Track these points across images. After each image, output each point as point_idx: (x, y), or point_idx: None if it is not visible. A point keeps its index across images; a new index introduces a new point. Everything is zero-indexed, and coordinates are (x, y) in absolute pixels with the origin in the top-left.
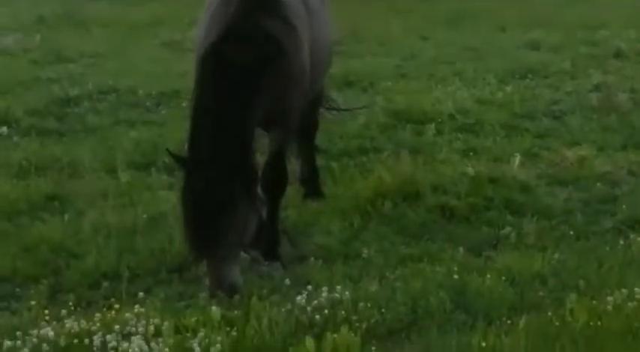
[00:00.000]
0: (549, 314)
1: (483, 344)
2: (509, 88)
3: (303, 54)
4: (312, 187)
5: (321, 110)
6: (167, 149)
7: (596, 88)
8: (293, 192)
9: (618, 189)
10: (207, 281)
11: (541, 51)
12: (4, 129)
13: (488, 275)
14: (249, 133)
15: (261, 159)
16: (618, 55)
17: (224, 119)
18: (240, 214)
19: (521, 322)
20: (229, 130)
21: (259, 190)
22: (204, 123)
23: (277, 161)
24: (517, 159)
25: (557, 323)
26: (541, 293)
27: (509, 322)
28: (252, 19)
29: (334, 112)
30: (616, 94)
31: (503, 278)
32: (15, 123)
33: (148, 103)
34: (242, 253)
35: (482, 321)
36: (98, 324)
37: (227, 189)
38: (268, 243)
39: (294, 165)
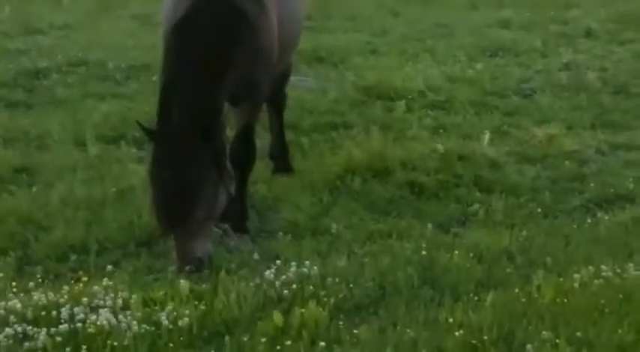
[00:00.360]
0: (516, 290)
1: (450, 320)
2: (479, 66)
3: (271, 28)
4: (281, 162)
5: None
6: (137, 121)
7: (566, 66)
8: (262, 166)
9: (586, 167)
10: (174, 256)
11: (512, 29)
12: None
13: (456, 252)
14: (217, 107)
15: (230, 133)
16: (589, 34)
17: (193, 93)
18: (209, 189)
19: (489, 298)
20: (198, 104)
21: (228, 165)
22: (173, 97)
23: (246, 135)
24: (486, 137)
25: (524, 300)
26: (508, 270)
27: (476, 298)
28: None
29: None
30: (586, 73)
31: (471, 254)
32: None
33: (117, 76)
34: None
35: (449, 297)
36: (66, 297)
37: (196, 164)
38: (237, 217)
39: (264, 140)
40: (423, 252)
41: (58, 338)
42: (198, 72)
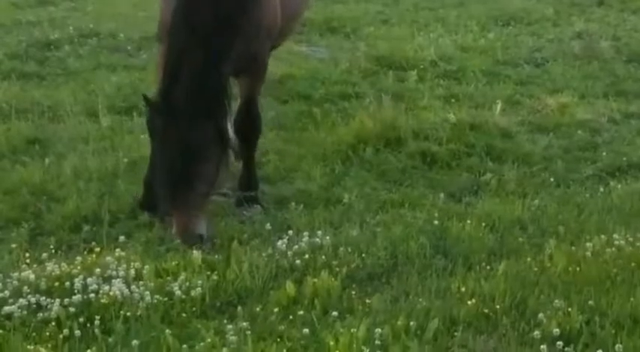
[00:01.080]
0: (528, 259)
1: (462, 289)
2: (491, 35)
3: (274, 1)
4: None
5: None
6: (143, 95)
7: (579, 35)
8: (274, 137)
9: (599, 136)
10: (174, 232)
11: None
12: None
13: (469, 221)
14: (223, 79)
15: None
16: (601, 2)
17: (199, 65)
18: (211, 164)
19: (501, 267)
20: (206, 77)
21: (233, 136)
22: (178, 70)
23: (249, 107)
24: (498, 106)
25: (536, 269)
26: (520, 239)
27: (488, 267)
28: None
29: None
30: (598, 42)
31: (484, 224)
32: None
33: (129, 47)
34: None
35: (461, 266)
36: (79, 267)
37: (202, 137)
38: (247, 187)
39: (275, 111)
40: (435, 222)
41: (72, 309)
42: (206, 44)
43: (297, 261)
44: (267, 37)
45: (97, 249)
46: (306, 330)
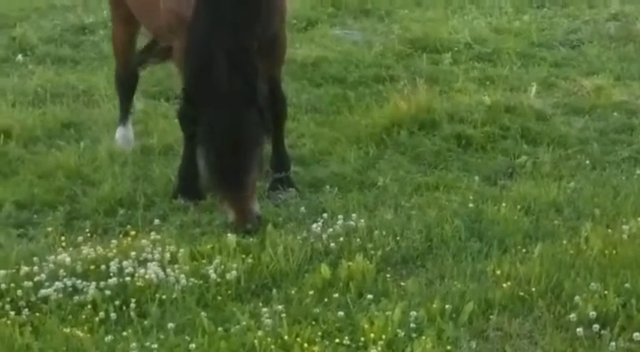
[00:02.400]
0: (564, 242)
1: (498, 272)
2: (526, 17)
3: None
4: None
5: None
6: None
7: (614, 17)
8: (308, 120)
9: (635, 118)
10: (231, 217)
11: None
12: (20, 56)
13: (504, 204)
14: (256, 62)
15: None
16: None
17: (232, 51)
18: (260, 145)
19: (536, 250)
20: (239, 62)
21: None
22: (210, 58)
23: (275, 90)
24: (534, 89)
25: (571, 252)
26: (556, 222)
27: (524, 250)
28: None
29: None
30: (634, 24)
31: (519, 206)
32: (30, 51)
33: None
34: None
35: (497, 249)
36: (114, 251)
37: (247, 121)
38: (280, 170)
39: (309, 95)
40: (470, 205)
41: (107, 292)
42: (235, 30)
43: (332, 244)
44: (283, 18)
45: (133, 233)
46: (340, 313)
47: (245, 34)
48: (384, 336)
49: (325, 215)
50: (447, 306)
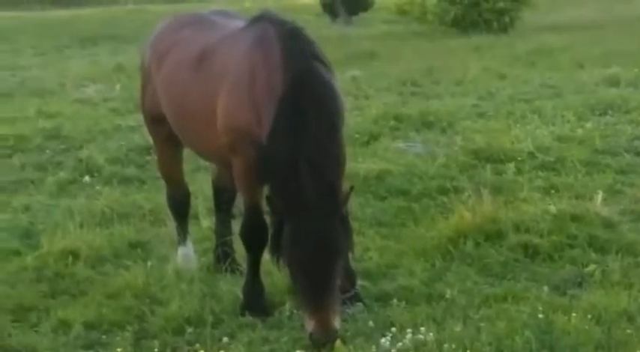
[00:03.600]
0: None
1: None
2: (589, 125)
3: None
4: None
5: None
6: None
7: None
8: (373, 234)
9: None
10: (310, 328)
11: (620, 86)
12: (87, 178)
13: (574, 314)
14: (339, 171)
15: None
16: None
17: (316, 158)
18: (345, 256)
19: None
20: (325, 168)
21: None
22: (293, 169)
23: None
24: (599, 196)
25: None
26: (629, 331)
27: None
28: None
29: None
30: None
31: (589, 316)
32: (97, 172)
33: None
34: None
35: None
36: None
37: (335, 232)
38: (348, 283)
39: (374, 208)
40: (540, 315)
41: None
42: (318, 144)
43: None
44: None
45: (201, 351)
46: None
47: (327, 142)
48: None
49: (393, 329)
50: None
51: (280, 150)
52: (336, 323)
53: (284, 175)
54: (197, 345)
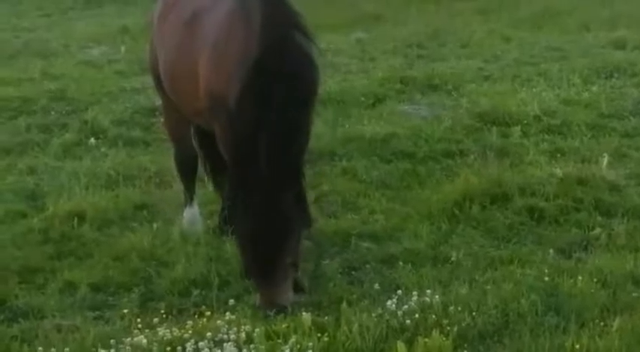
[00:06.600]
0: None
1: (577, 347)
2: (595, 88)
3: None
4: None
5: None
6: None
7: None
8: (379, 196)
9: None
10: (257, 301)
11: (626, 49)
12: (92, 140)
13: (580, 277)
14: (303, 150)
15: None
16: None
17: (279, 140)
18: (295, 235)
19: (615, 323)
20: (286, 150)
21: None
22: (256, 145)
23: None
24: (605, 160)
25: None
26: (634, 294)
27: (602, 324)
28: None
29: None
30: None
31: (595, 279)
32: (102, 134)
33: None
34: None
35: (574, 323)
36: (190, 332)
37: (287, 210)
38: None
39: (379, 171)
40: (546, 278)
41: None
42: (284, 120)
43: (407, 321)
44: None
45: (208, 313)
46: None
47: (294, 114)
48: None
49: (399, 291)
50: None
51: (243, 119)
52: (283, 299)
53: (243, 144)
54: (203, 307)
